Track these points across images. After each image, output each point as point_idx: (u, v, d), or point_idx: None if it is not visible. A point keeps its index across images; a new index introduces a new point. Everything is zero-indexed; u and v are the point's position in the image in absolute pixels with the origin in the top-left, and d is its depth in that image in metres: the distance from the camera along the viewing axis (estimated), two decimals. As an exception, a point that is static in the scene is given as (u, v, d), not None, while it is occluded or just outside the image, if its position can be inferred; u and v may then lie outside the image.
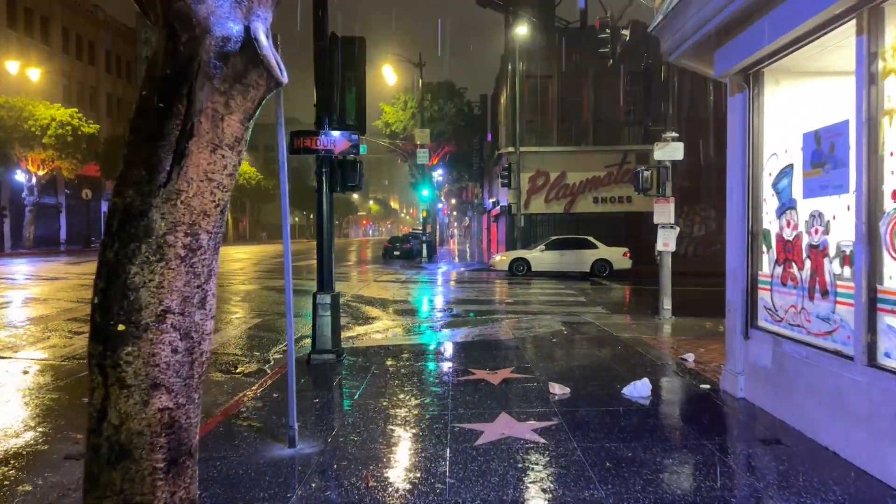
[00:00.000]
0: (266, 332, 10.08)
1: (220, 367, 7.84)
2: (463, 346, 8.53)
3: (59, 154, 35.49)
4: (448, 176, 48.22)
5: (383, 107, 35.63)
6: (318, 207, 7.90)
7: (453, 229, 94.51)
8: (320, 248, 7.86)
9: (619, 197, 27.10)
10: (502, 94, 32.50)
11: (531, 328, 9.94)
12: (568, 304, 13.78)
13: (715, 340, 8.65)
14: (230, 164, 2.86)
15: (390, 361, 7.54)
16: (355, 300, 14.34)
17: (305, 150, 7.75)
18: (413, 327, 10.52)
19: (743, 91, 5.51)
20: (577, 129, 27.55)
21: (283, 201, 4.62)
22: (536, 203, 27.04)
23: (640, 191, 10.92)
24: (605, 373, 6.73)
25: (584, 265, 20.94)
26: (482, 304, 14.00)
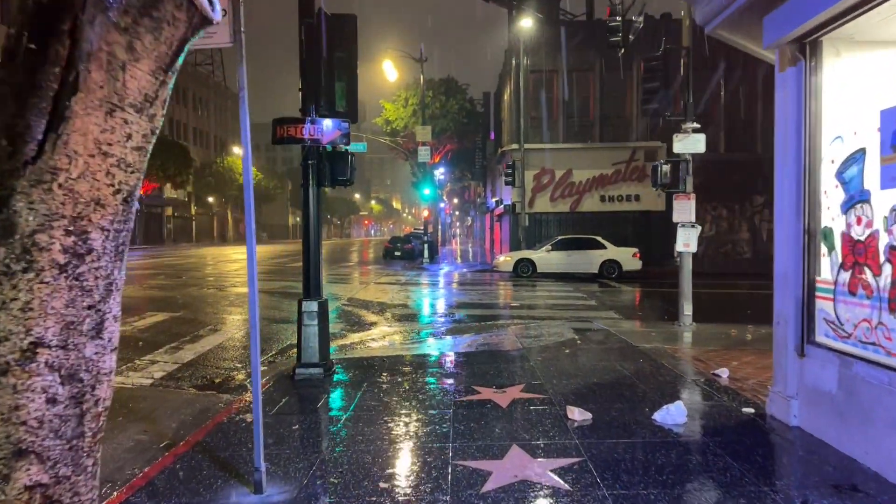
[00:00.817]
0: (252, 341, 9.25)
1: (195, 382, 7.02)
2: (466, 357, 7.69)
3: None
4: (450, 175, 47.38)
5: (384, 104, 34.81)
6: (304, 205, 7.07)
7: (456, 229, 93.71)
8: (306, 250, 7.03)
9: (627, 195, 26.23)
10: (506, 91, 31.66)
11: (540, 336, 9.10)
12: (577, 308, 12.94)
13: (746, 351, 7.80)
14: (137, 132, 2.02)
15: (384, 376, 6.70)
16: (352, 304, 13.52)
17: (289, 140, 6.92)
18: (412, 335, 9.69)
19: (797, 63, 4.66)
20: (583, 125, 26.68)
21: (246, 193, 3.79)
22: (541, 202, 26.19)
23: (658, 186, 10.07)
24: (629, 392, 5.88)
25: (592, 266, 20.09)
26: (486, 308, 13.17)
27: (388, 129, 34.62)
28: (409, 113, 33.39)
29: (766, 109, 26.54)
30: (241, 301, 13.86)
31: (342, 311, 12.33)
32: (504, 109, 32.37)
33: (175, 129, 63.99)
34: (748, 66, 26.29)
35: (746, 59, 24.60)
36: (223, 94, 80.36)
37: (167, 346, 8.71)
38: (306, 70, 6.98)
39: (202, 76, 75.32)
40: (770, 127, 20.27)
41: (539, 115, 26.54)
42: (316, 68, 6.95)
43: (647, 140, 26.38)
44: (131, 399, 6.38)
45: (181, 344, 8.91)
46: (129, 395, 6.55)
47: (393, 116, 34.02)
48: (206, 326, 10.26)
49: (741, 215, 27.21)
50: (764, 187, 26.92)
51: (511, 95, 27.65)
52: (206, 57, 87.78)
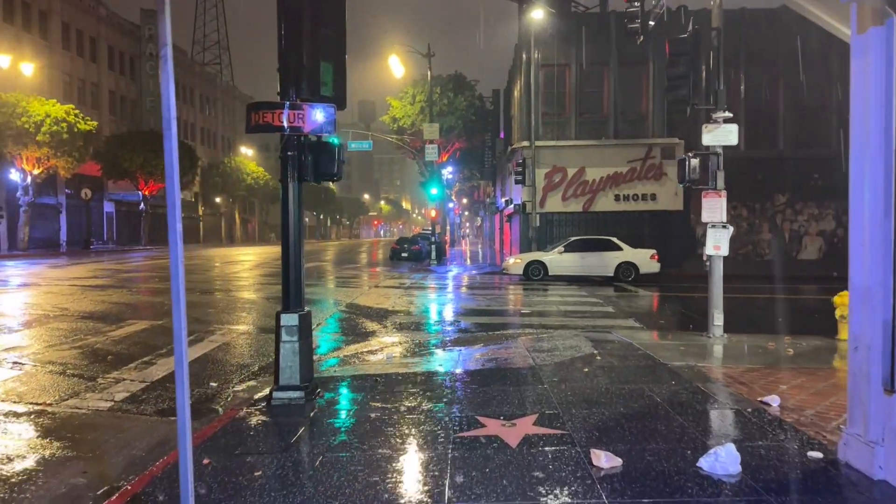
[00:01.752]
0: (240, 354, 8.35)
1: (161, 406, 6.13)
2: (470, 376, 6.74)
3: (54, 152, 34.15)
4: (459, 174, 46.46)
5: (390, 101, 33.92)
6: (283, 203, 6.15)
7: (465, 230, 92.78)
8: (286, 256, 6.11)
9: (642, 194, 25.17)
10: (516, 87, 30.68)
11: (554, 350, 8.13)
12: (593, 316, 11.95)
13: (793, 372, 6.80)
14: None
15: (375, 402, 5.77)
16: (350, 311, 12.60)
17: (265, 128, 6.01)
18: (412, 347, 8.75)
19: (885, 21, 3.67)
20: (596, 121, 25.64)
21: (168, 174, 2.86)
22: (553, 201, 25.18)
23: (685, 183, 9.07)
24: (664, 427, 4.90)
25: (607, 269, 19.07)
26: (494, 315, 12.21)
27: (395, 126, 33.74)
28: (417, 110, 32.48)
29: (790, 104, 25.38)
30: (234, 306, 13.00)
31: (339, 319, 11.42)
32: (514, 106, 31.37)
33: (182, 128, 63.46)
34: (769, 59, 25.16)
35: (766, 51, 23.34)
36: (231, 94, 79.88)
37: (139, 361, 7.82)
38: (285, 47, 6.06)
39: (210, 76, 74.86)
40: (793, 123, 19.19)
41: (551, 112, 25.54)
42: (297, 45, 6.03)
43: (663, 136, 25.32)
44: (81, 428, 5.49)
45: (155, 358, 8.02)
46: (81, 423, 5.67)
47: (400, 114, 33.13)
48: (188, 336, 9.37)
49: (762, 215, 26.08)
50: (786, 186, 25.77)
51: (521, 91, 26.67)
52: (215, 57, 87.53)
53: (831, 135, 25.39)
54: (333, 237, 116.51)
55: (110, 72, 51.45)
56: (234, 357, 8.20)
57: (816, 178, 25.46)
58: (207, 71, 76.03)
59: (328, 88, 6.22)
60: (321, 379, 6.73)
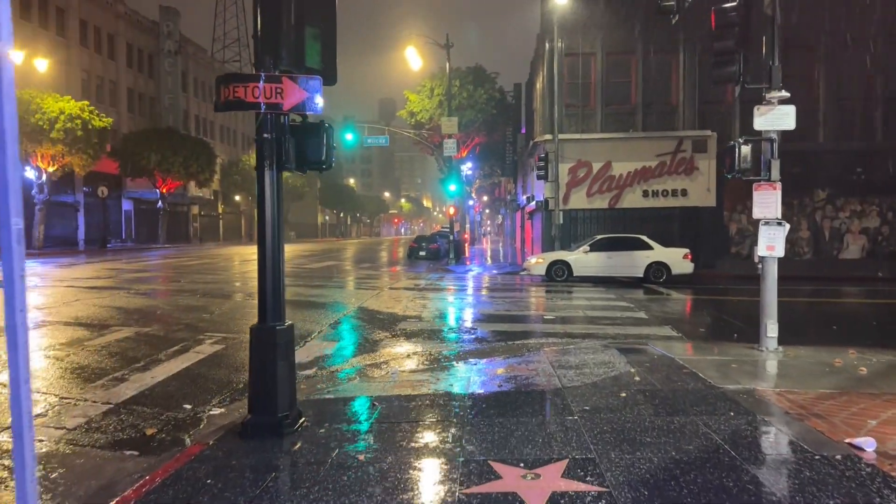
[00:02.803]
0: (227, 368, 7.38)
1: (118, 436, 5.18)
2: (485, 401, 5.68)
3: (68, 149, 33.72)
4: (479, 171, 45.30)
5: (408, 94, 32.88)
6: (260, 195, 5.15)
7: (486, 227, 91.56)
8: (263, 258, 5.11)
9: (672, 190, 23.82)
10: (538, 78, 29.47)
11: (583, 367, 7.03)
12: (623, 322, 10.80)
13: (878, 400, 5.61)
14: None
15: (367, 436, 4.75)
16: (357, 316, 11.60)
17: (237, 104, 5.01)
18: (420, 360, 7.71)
19: None
20: (623, 113, 24.35)
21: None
22: (577, 197, 23.95)
23: (734, 173, 7.89)
24: (732, 482, 3.79)
25: (636, 269, 17.83)
26: (514, 321, 11.12)
27: (413, 121, 32.70)
28: (435, 104, 31.41)
29: (830, 94, 23.80)
30: (235, 311, 12.08)
31: (344, 326, 10.42)
32: (536, 99, 30.17)
33: (200, 126, 63.25)
34: (808, 44, 23.64)
35: (804, 36, 21.47)
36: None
37: (109, 377, 6.89)
38: (262, 7, 5.05)
39: (230, 73, 74.47)
40: (833, 113, 17.44)
41: (575, 103, 24.30)
42: (275, 5, 5.01)
43: (694, 129, 23.96)
44: (8, 470, 4.54)
45: (129, 373, 7.09)
46: (10, 463, 4.71)
47: (418, 108, 32.08)
48: (172, 346, 8.44)
49: (800, 212, 24.56)
50: (826, 180, 24.21)
51: (544, 82, 25.47)
52: (235, 54, 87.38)
53: (876, 127, 23.81)
54: (354, 235, 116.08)
55: (128, 69, 51.19)
56: (219, 371, 7.24)
57: (860, 173, 23.88)
58: (227, 68, 75.74)
59: (314, 58, 5.20)
60: (310, 402, 5.73)
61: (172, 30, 55.42)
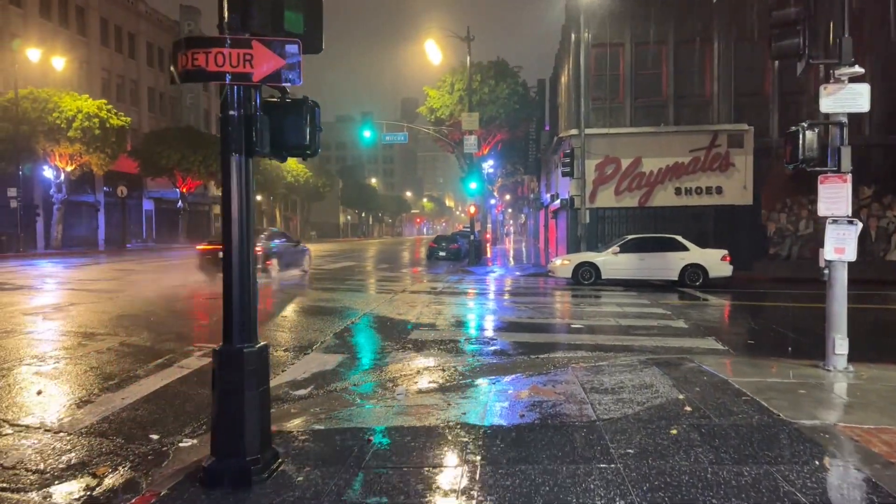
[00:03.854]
0: (206, 387, 6.45)
1: (53, 476, 4.26)
2: (503, 440, 4.66)
3: (86, 148, 33.38)
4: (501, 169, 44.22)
5: (427, 90, 31.90)
6: (225, 187, 4.21)
7: (509, 227, 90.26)
8: (229, 263, 4.16)
9: (706, 187, 22.50)
10: (563, 72, 28.32)
11: (619, 389, 5.98)
12: (662, 333, 9.68)
13: None
14: None
15: (354, 491, 3.76)
16: (367, 323, 10.65)
17: (198, 75, 4.09)
18: (430, 379, 6.72)
19: None
20: (654, 106, 23.08)
21: None
22: (605, 195, 22.75)
23: (798, 163, 6.74)
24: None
25: (670, 272, 16.62)
26: (538, 331, 10.06)
27: (433, 118, 31.71)
28: (455, 100, 30.39)
29: (876, 84, 22.24)
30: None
31: (347, 336, 9.47)
32: (561, 93, 29.01)
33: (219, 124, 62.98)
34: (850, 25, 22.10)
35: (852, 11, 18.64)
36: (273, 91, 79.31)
37: (75, 398, 6.02)
38: (227, -43, 4.10)
39: (251, 73, 74.33)
40: (881, 104, 15.69)
41: (602, 96, 23.10)
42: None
43: (730, 122, 22.60)
44: None
45: (99, 392, 6.22)
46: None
47: (437, 104, 31.09)
48: (155, 360, 7.56)
49: (844, 210, 23.03)
50: (872, 177, 22.65)
51: (570, 75, 24.32)
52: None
53: (928, 118, 22.20)
54: (375, 235, 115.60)
55: (149, 68, 51.05)
56: (201, 391, 6.32)
57: (909, 169, 22.31)
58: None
59: (294, 19, 4.24)
60: (296, 434, 4.77)
61: (193, 28, 55.17)
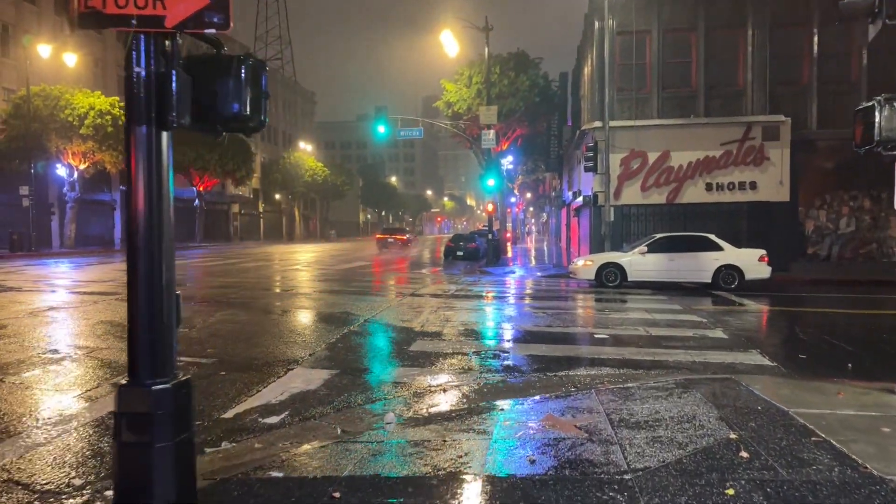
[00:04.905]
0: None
1: None
2: (510, 496, 3.56)
3: (98, 146, 32.92)
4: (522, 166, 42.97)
5: (444, 84, 30.80)
6: (129, 172, 3.14)
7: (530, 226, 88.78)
8: (133, 275, 3.11)
9: (739, 183, 21.09)
10: (586, 64, 27.02)
11: (655, 423, 4.83)
12: (699, 345, 8.47)
13: None
14: None
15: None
16: (365, 332, 9.59)
17: (94, 19, 3.04)
18: (425, 405, 5.63)
19: None
20: (683, 97, 21.72)
21: None
22: (630, 191, 21.45)
23: (873, 146, 5.53)
24: None
25: (702, 273, 15.32)
26: (557, 341, 8.90)
27: (450, 112, 30.62)
28: (473, 93, 29.25)
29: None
30: (219, 328, 10.26)
31: (339, 348, 8.41)
32: (584, 85, 27.71)
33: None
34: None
35: None
36: (293, 89, 79.03)
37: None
38: None
39: (271, 72, 73.85)
40: None
41: (628, 87, 21.79)
42: None
43: (765, 113, 21.16)
44: None
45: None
46: None
47: (455, 98, 29.98)
48: (99, 382, 6.58)
49: (889, 207, 21.43)
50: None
51: (593, 65, 23.05)
52: (277, 52, 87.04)
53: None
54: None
55: (166, 66, 50.66)
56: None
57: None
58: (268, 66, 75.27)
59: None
60: (246, 483, 3.71)
61: (211, 26, 54.76)
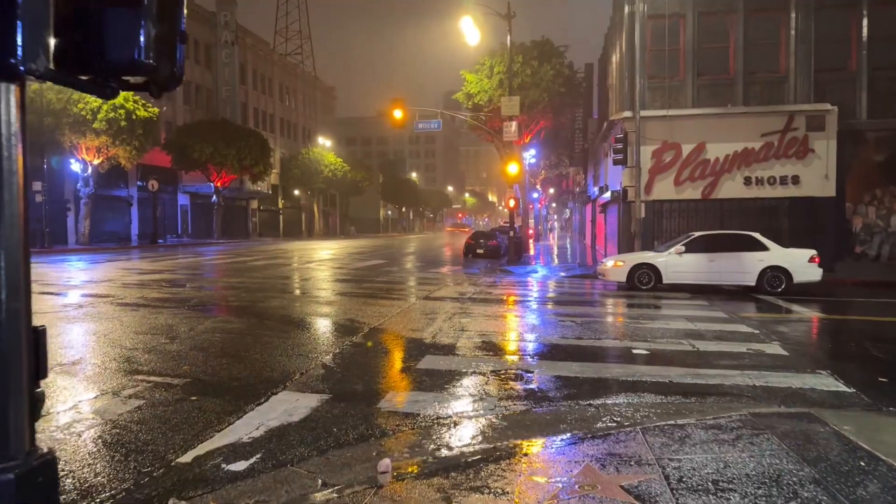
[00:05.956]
0: (92, 459, 4.36)
1: None
2: None
3: (112, 140, 32.32)
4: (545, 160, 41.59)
5: (465, 75, 29.57)
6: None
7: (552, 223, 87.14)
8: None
9: (780, 177, 19.60)
10: (614, 52, 25.62)
11: (728, 490, 3.63)
12: (756, 364, 7.20)
13: None
14: None
15: None
16: (368, 343, 8.46)
17: None
18: (428, 450, 4.48)
19: None
20: (720, 84, 20.28)
21: None
22: (662, 186, 20.07)
23: None
24: None
25: (745, 275, 13.95)
26: (588, 358, 7.67)
27: (470, 104, 29.37)
28: (495, 84, 27.98)
29: None
30: (208, 337, 9.23)
31: (340, 363, 7.29)
32: (612, 75, 26.31)
33: (259, 119, 62.06)
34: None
35: None
36: (312, 84, 78.31)
37: None
38: None
39: (290, 66, 73.39)
40: None
41: (660, 74, 20.41)
42: None
43: (809, 102, 19.64)
44: None
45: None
46: None
47: (475, 89, 28.74)
48: (88, 395, 5.55)
49: (948, 203, 19.80)
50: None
51: (623, 52, 21.67)
52: (297, 47, 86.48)
53: None
54: (416, 230, 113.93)
55: (185, 59, 50.20)
56: (78, 465, 4.22)
57: None
58: (288, 61, 74.65)
59: None
60: None
61: (229, 20, 54.21)
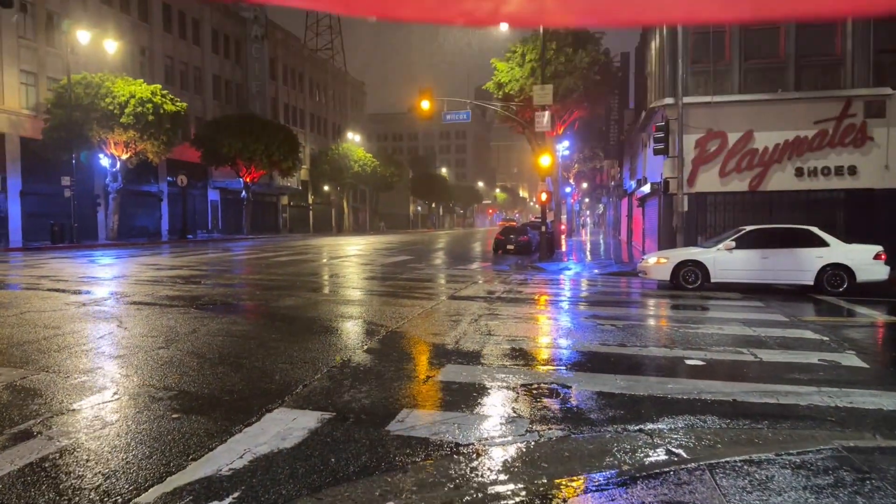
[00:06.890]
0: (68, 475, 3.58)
1: None
2: None
3: (140, 135, 32.16)
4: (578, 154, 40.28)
5: (495, 63, 28.54)
6: None
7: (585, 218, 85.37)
8: None
9: (836, 167, 18.18)
10: (653, 39, 24.32)
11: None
12: (833, 379, 6.13)
13: None
14: None
15: None
16: (384, 350, 7.60)
17: None
18: (445, 488, 3.58)
19: None
20: (769, 69, 18.89)
21: None
22: (706, 177, 18.81)
23: None
24: None
25: (803, 274, 12.73)
26: (633, 370, 6.68)
27: (500, 94, 28.34)
28: (527, 72, 26.89)
29: None
30: (206, 341, 8.48)
31: (350, 373, 6.44)
32: (651, 62, 25.00)
33: (289, 114, 61.86)
34: None
35: None
36: (342, 80, 78.00)
37: None
38: None
39: (320, 62, 73.13)
40: None
41: (703, 58, 19.11)
42: None
43: (867, 86, 18.14)
44: None
45: None
46: None
47: (506, 78, 27.69)
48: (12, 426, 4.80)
49: None
50: None
51: (663, 37, 20.42)
52: (327, 42, 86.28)
53: None
54: (446, 226, 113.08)
55: (214, 55, 50.13)
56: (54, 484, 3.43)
57: None
58: (318, 56, 74.41)
59: None
60: None
61: (259, 15, 54.03)
